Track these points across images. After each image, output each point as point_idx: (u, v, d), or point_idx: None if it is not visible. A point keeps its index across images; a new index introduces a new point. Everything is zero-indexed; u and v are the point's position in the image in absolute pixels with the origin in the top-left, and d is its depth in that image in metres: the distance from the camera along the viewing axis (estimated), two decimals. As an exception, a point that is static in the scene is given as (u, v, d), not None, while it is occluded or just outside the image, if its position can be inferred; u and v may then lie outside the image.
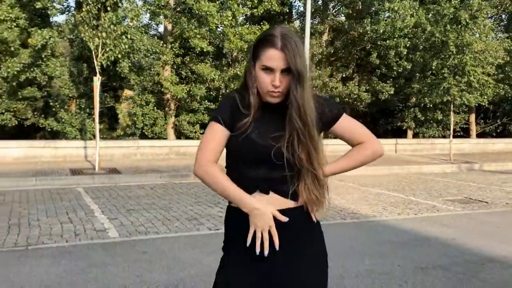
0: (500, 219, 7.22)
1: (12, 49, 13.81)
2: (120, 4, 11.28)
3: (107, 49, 11.19)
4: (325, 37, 18.33)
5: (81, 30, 11.13)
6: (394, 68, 17.47)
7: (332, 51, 18.08)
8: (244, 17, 16.37)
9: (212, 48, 14.98)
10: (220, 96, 16.38)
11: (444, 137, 20.63)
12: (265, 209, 1.71)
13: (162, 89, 15.46)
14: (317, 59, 17.34)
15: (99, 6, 10.98)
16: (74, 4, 15.80)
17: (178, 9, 15.80)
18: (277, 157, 1.73)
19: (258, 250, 1.72)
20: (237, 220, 1.80)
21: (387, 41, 16.31)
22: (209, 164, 1.74)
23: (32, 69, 14.14)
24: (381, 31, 15.79)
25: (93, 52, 11.20)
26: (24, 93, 14.55)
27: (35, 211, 6.92)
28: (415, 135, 21.29)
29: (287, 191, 1.80)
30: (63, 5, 14.74)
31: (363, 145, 1.91)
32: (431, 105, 17.51)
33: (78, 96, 14.83)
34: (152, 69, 15.30)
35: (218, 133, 1.76)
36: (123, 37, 11.37)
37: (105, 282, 4.11)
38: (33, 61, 13.96)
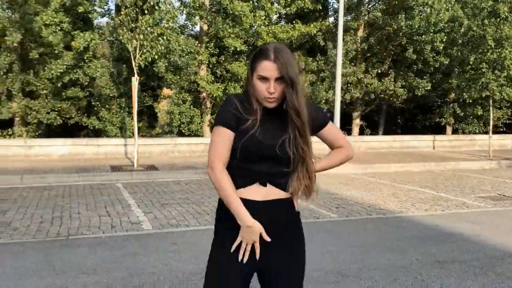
0: (531, 216, 7.14)
1: (56, 51, 14.56)
2: (156, 7, 11.67)
3: (145, 51, 11.66)
4: (360, 33, 18.26)
5: (119, 33, 11.63)
6: (431, 63, 17.19)
7: (366, 47, 17.98)
8: (278, 15, 16.54)
9: (246, 47, 15.24)
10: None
11: (486, 133, 20.12)
12: (255, 228, 1.96)
13: (198, 88, 15.88)
14: (351, 56, 17.30)
15: (137, 10, 11.45)
16: (114, 7, 16.41)
17: (213, 9, 16.16)
18: (281, 153, 1.97)
19: (240, 258, 1.99)
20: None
21: (423, 36, 16.08)
22: (221, 171, 1.99)
23: (75, 71, 14.87)
24: (416, 26, 15.60)
25: (131, 54, 11.69)
26: (68, 93, 15.31)
27: (76, 205, 7.40)
28: (455, 131, 20.86)
29: (284, 184, 2.03)
30: (103, 9, 15.40)
31: (341, 149, 2.23)
32: (470, 101, 17.13)
33: (118, 95, 15.45)
34: (188, 69, 15.73)
35: (226, 136, 2.00)
36: (160, 38, 11.80)
37: (136, 270, 4.44)
38: (75, 62, 14.68)
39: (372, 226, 6.35)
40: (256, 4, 15.00)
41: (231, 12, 14.33)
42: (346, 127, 19.96)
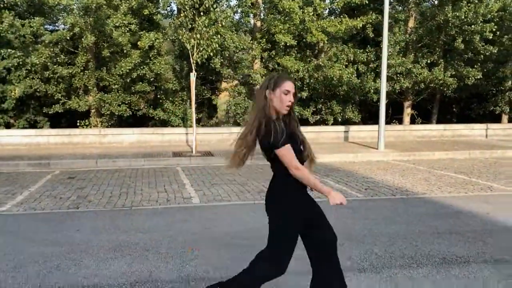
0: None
1: (125, 50, 16.20)
2: (211, 9, 12.83)
3: (201, 48, 12.90)
4: (410, 23, 18.48)
5: (179, 33, 12.94)
6: (481, 52, 17.14)
7: (415, 38, 18.20)
8: (328, 10, 17.21)
9: (295, 41, 16.10)
10: (304, 86, 17.47)
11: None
12: (335, 193, 2.96)
13: (251, 81, 17.00)
14: (400, 47, 17.62)
15: (194, 11, 12.69)
16: (176, 9, 17.79)
17: (266, 7, 17.15)
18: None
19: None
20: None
21: (472, 26, 16.12)
22: (302, 168, 2.95)
23: (142, 67, 16.48)
24: (463, 17, 15.68)
25: (190, 51, 12.97)
26: (137, 87, 16.93)
27: (140, 184, 8.75)
28: (511, 120, 20.52)
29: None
30: (166, 10, 16.84)
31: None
32: (526, 89, 16.93)
33: (180, 89, 16.87)
34: (242, 63, 16.85)
35: (291, 149, 2.93)
36: (214, 37, 12.97)
37: (182, 231, 5.59)
38: (142, 60, 16.26)
39: (390, 204, 7.13)
40: (305, 0, 15.79)
41: (281, 9, 15.26)
42: (397, 116, 20.28)
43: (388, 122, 19.75)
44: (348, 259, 4.56)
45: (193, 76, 12.98)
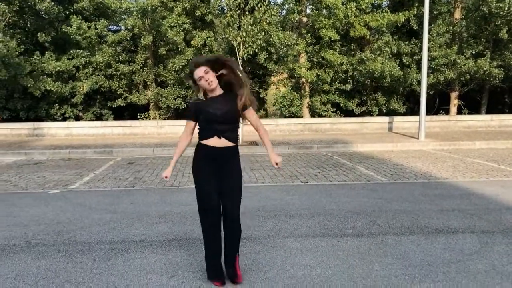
0: None
1: (179, 48, 17.50)
2: (256, 8, 13.75)
3: (247, 45, 13.87)
4: (456, 14, 18.46)
5: (226, 32, 13.99)
6: (528, 41, 16.94)
7: (459, 29, 18.18)
8: (373, 4, 17.60)
9: (338, 36, 16.70)
10: (348, 78, 18.03)
11: None
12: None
13: (295, 75, 17.82)
14: (445, 39, 17.71)
15: (239, 11, 13.68)
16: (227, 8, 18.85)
17: (310, 3, 17.86)
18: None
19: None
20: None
21: (517, 16, 16.01)
22: (180, 140, 3.74)
23: (194, 63, 17.67)
24: (506, 8, 15.59)
25: (236, 48, 13.98)
26: (190, 83, 18.12)
27: (188, 168, 9.88)
28: None
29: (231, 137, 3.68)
30: (217, 11, 17.89)
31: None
32: None
33: (231, 83, 17.87)
34: (287, 58, 17.68)
35: (188, 125, 3.66)
36: (259, 34, 13.89)
37: (216, 205, 6.59)
38: (195, 57, 17.47)
39: (410, 187, 7.77)
40: (349, -4, 16.38)
41: (325, 5, 15.95)
42: (444, 106, 20.33)
43: (434, 112, 19.89)
44: (352, 228, 5.37)
45: (239, 71, 13.95)
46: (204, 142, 3.59)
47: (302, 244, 4.77)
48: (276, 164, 3.72)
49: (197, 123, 3.63)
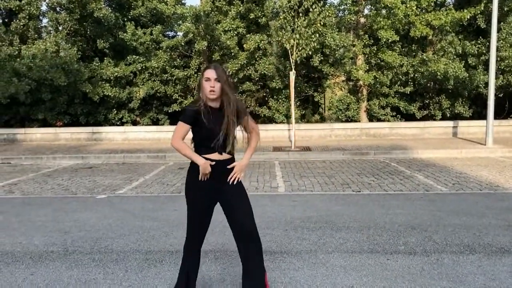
0: None
1: (233, 53, 17.42)
2: (310, 9, 13.37)
3: (300, 48, 13.51)
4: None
5: (279, 34, 13.71)
6: None
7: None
8: (436, 2, 16.66)
9: (397, 36, 15.93)
10: (409, 81, 17.17)
11: None
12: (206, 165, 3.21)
13: (352, 77, 17.20)
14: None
15: (293, 13, 13.35)
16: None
17: (368, 3, 17.19)
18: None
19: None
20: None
21: None
22: (177, 142, 3.37)
23: (247, 68, 17.58)
24: None
25: (289, 51, 13.66)
26: (244, 87, 18.11)
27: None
28: None
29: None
30: (272, 13, 17.63)
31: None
32: None
33: (284, 87, 17.62)
34: (343, 61, 17.11)
35: (182, 126, 3.35)
36: (313, 36, 13.48)
37: (261, 214, 6.28)
38: (248, 61, 17.34)
39: (473, 198, 7.10)
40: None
41: (384, 5, 15.27)
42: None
43: (504, 117, 18.55)
44: (404, 244, 4.88)
45: (292, 75, 13.64)
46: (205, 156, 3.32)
47: (347, 261, 4.36)
48: (233, 172, 3.39)
49: (191, 130, 3.39)
